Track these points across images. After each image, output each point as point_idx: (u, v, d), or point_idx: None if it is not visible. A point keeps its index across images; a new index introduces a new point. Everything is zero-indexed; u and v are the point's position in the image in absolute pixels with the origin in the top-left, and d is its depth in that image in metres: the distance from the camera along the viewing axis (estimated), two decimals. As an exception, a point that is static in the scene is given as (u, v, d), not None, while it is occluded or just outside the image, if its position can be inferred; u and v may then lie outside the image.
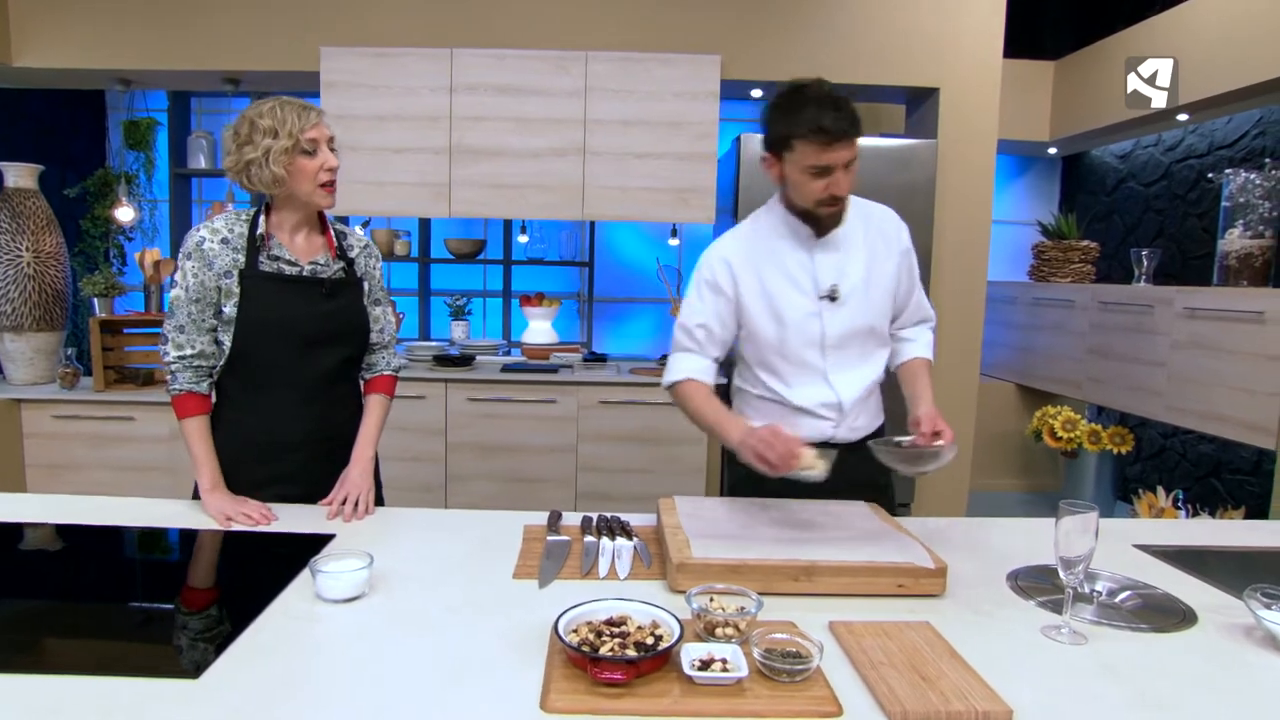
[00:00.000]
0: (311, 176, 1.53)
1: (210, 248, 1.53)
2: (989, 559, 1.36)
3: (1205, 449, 4.23)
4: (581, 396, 3.40)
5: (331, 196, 1.56)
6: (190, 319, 1.53)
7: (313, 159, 1.52)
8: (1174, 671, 0.98)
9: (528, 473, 3.42)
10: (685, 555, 1.20)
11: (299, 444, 1.60)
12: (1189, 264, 4.27)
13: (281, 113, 1.50)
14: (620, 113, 3.43)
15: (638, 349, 4.38)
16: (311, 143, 1.51)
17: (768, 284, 1.61)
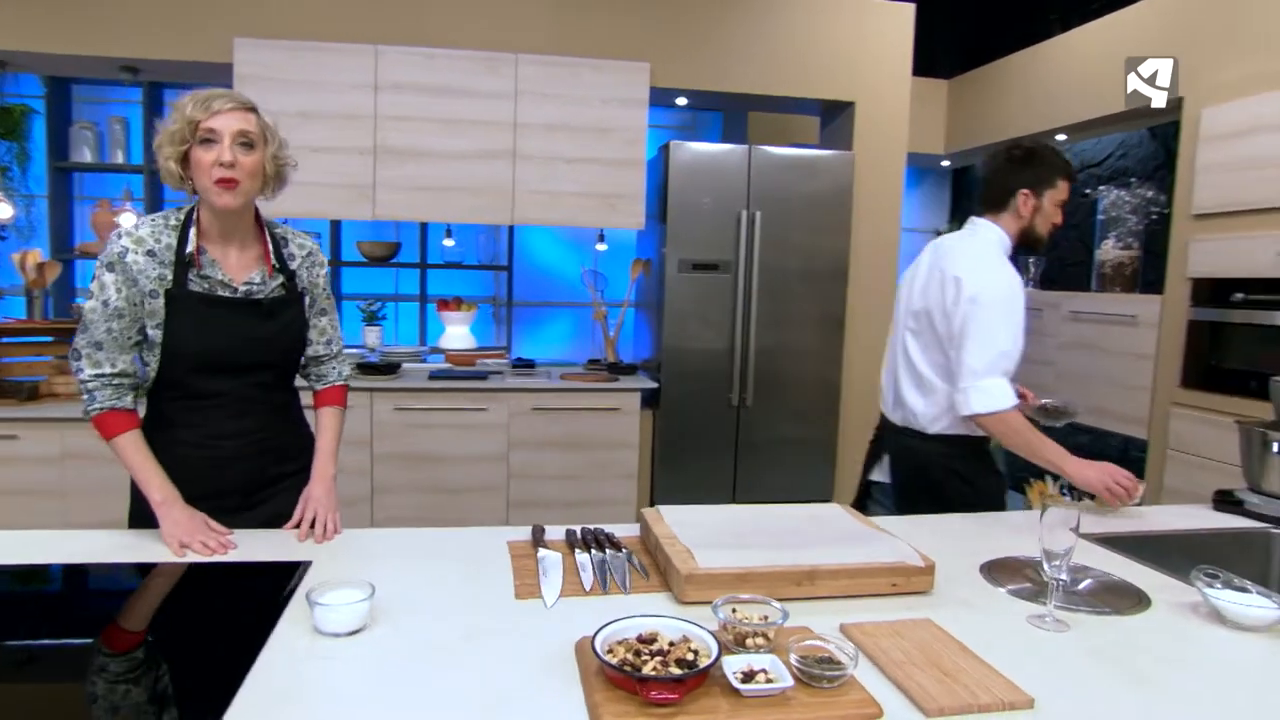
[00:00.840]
0: (205, 170, 1.36)
1: (134, 260, 1.38)
2: (957, 553, 1.45)
3: (1081, 439, 4.62)
4: (513, 403, 3.35)
5: (229, 195, 1.38)
6: (109, 335, 1.39)
7: (208, 151, 1.36)
8: (1148, 650, 1.09)
9: (457, 483, 3.34)
10: (692, 566, 1.21)
11: (233, 459, 1.50)
12: (1066, 271, 4.67)
13: (182, 100, 1.37)
14: (550, 117, 3.41)
15: (556, 353, 4.36)
16: (210, 132, 1.36)
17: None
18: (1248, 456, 1.84)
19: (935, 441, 1.94)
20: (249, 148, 1.40)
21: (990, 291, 1.79)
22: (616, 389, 3.49)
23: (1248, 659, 1.08)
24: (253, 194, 1.44)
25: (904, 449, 2.01)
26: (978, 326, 1.78)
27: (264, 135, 1.43)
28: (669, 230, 3.54)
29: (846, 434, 3.93)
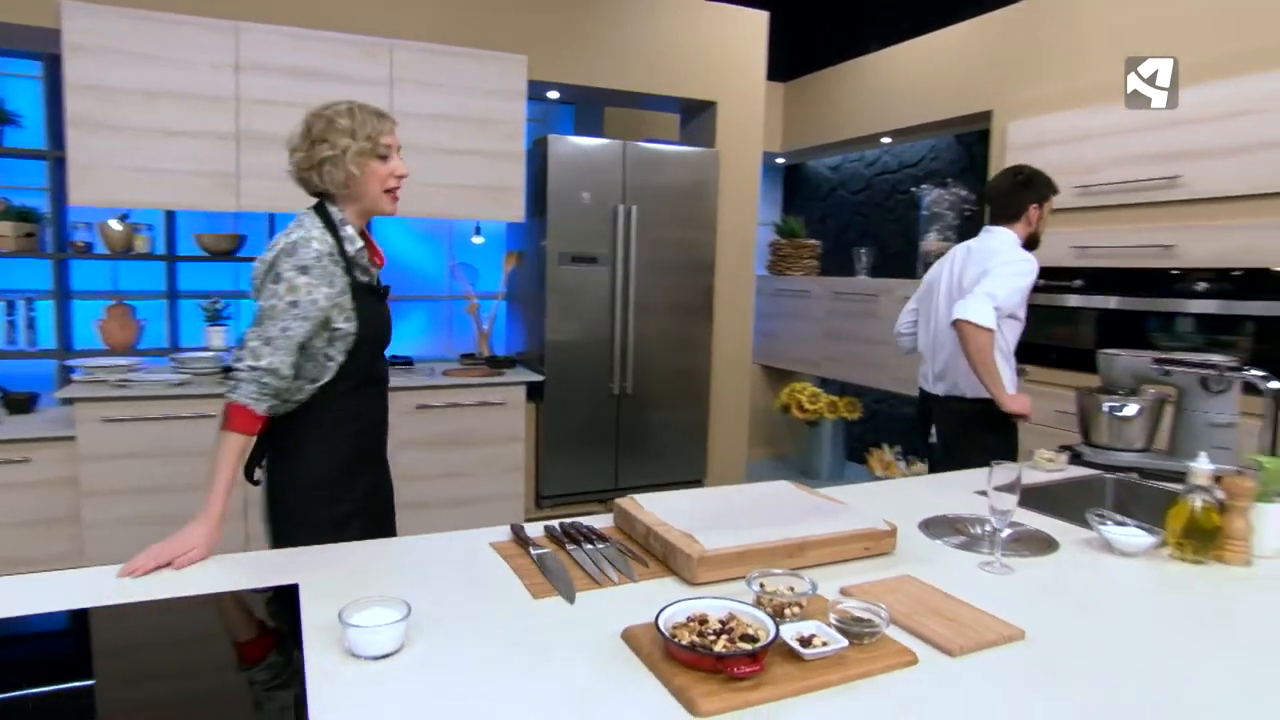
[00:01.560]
0: (381, 181, 1.59)
1: (326, 265, 1.52)
2: (895, 515, 1.64)
3: (907, 410, 5.21)
4: (396, 403, 3.22)
5: (395, 204, 1.64)
6: (283, 333, 1.50)
7: (385, 164, 1.58)
8: (1074, 581, 1.33)
9: (342, 491, 3.16)
10: (699, 549, 1.30)
11: (384, 438, 1.77)
12: (888, 260, 5.22)
13: (360, 115, 1.56)
14: (430, 107, 3.30)
15: (418, 349, 4.24)
16: (386, 148, 1.58)
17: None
18: (1084, 416, 2.22)
19: (974, 404, 2.46)
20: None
21: (1013, 259, 2.38)
22: (502, 383, 3.47)
23: (1140, 577, 1.36)
24: None
25: (950, 412, 2.55)
26: (994, 274, 2.34)
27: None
28: (549, 223, 3.56)
29: (717, 417, 4.17)
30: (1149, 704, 0.94)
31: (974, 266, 2.47)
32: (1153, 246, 3.01)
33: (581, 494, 3.86)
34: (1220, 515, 1.38)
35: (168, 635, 1.16)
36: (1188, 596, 1.28)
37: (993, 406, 2.36)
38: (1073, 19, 3.50)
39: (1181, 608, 1.24)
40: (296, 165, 1.59)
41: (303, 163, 1.57)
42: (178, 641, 1.15)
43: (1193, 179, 2.90)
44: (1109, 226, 3.18)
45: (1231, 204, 2.81)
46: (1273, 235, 2.68)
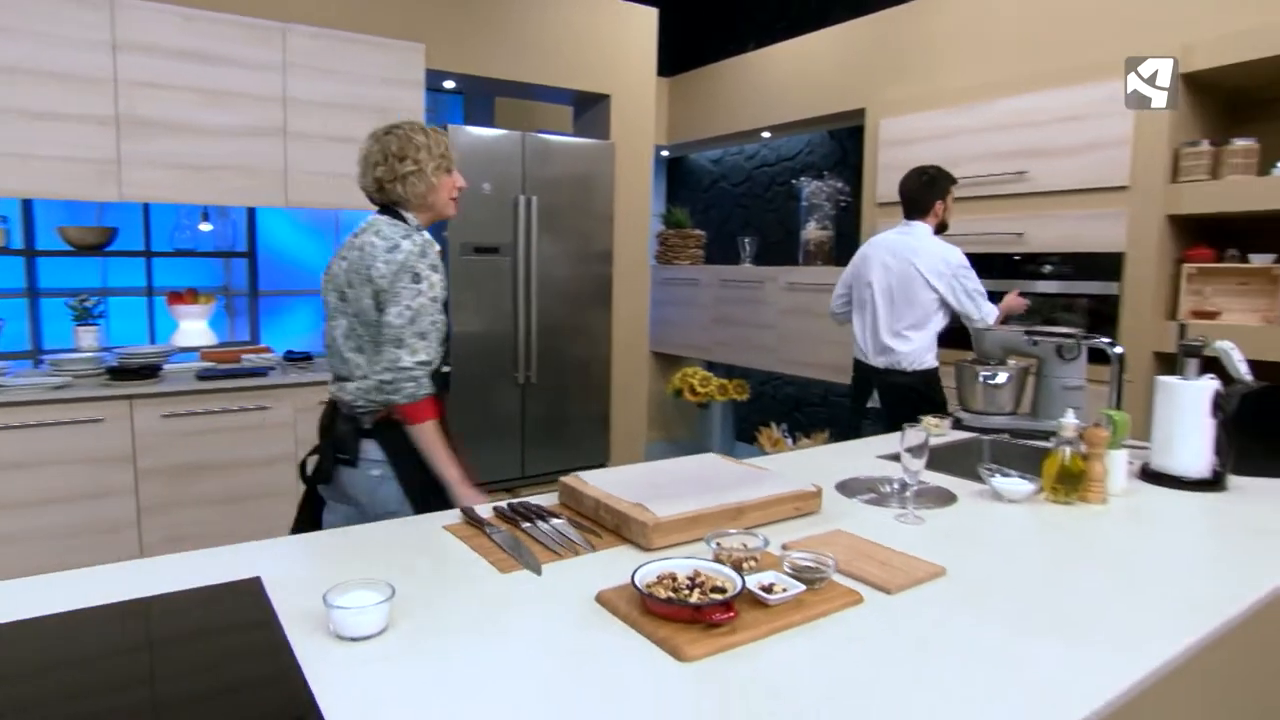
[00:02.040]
0: (449, 191, 1.86)
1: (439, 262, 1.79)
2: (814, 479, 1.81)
3: (789, 390, 5.53)
4: (298, 399, 3.13)
5: (456, 209, 1.90)
6: (434, 326, 1.76)
7: (450, 176, 1.85)
8: (975, 527, 1.53)
9: (243, 490, 3.04)
10: (651, 516, 1.39)
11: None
12: (769, 248, 5.51)
13: (434, 134, 1.83)
14: (325, 94, 3.19)
15: (303, 345, 4.09)
16: (453, 162, 1.85)
17: None
18: (960, 384, 2.49)
19: (913, 375, 2.94)
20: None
21: (963, 260, 2.89)
22: (409, 377, 3.42)
23: (1025, 519, 1.58)
24: None
25: (891, 384, 2.98)
26: (972, 279, 2.88)
27: None
28: (452, 214, 3.54)
29: (617, 402, 4.28)
30: (1046, 613, 1.13)
31: (909, 263, 2.93)
32: (1007, 234, 3.37)
33: (489, 483, 3.86)
34: (1083, 462, 1.63)
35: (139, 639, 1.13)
36: (1063, 531, 1.51)
37: (927, 376, 2.93)
38: (933, 28, 3.83)
39: (1060, 539, 1.46)
40: (379, 179, 1.82)
41: (386, 176, 1.80)
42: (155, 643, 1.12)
43: (1037, 174, 3.27)
44: (970, 216, 3.52)
45: (1069, 197, 3.20)
46: (1101, 224, 3.08)
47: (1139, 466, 1.88)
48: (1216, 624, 1.10)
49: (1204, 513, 1.63)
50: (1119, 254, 3.05)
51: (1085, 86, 3.11)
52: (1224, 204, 2.84)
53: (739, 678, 0.96)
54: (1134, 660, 1.00)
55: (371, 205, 1.84)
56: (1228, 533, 1.51)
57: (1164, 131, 2.92)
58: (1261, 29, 2.70)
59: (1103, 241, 3.09)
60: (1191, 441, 1.77)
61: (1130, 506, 1.66)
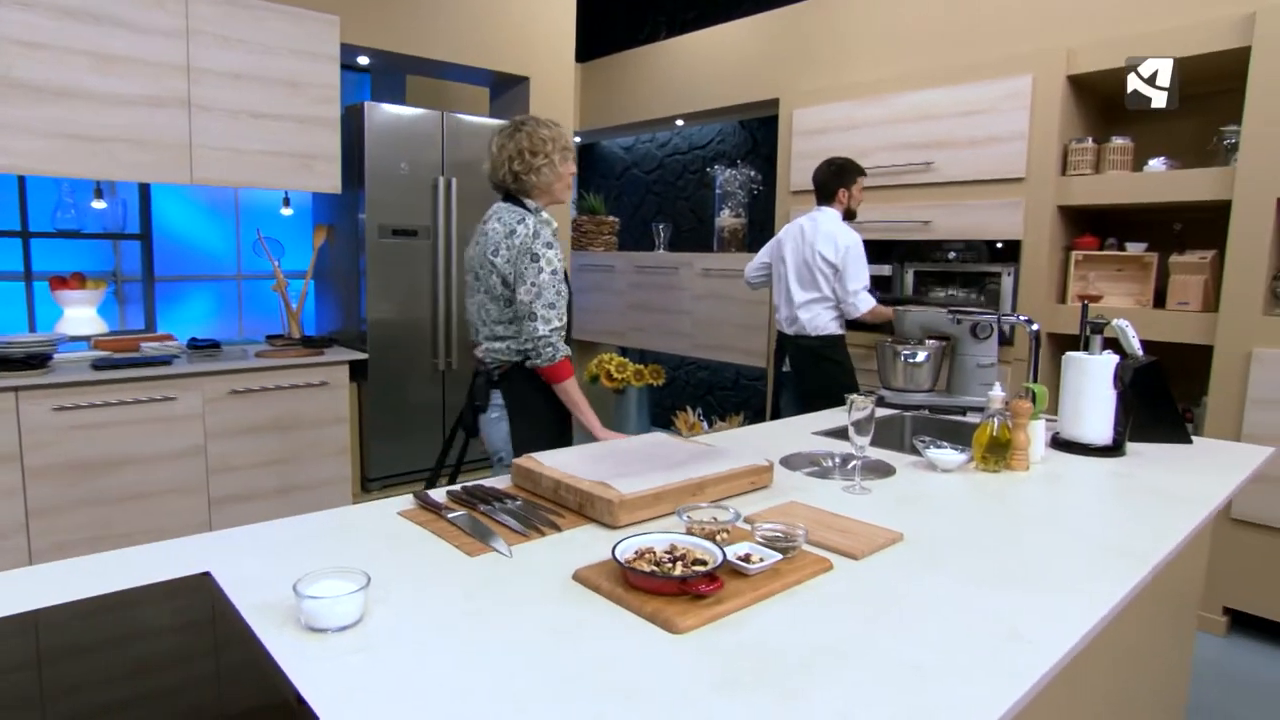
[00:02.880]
0: (565, 179, 2.12)
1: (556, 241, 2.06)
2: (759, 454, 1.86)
3: (703, 374, 5.64)
4: (207, 389, 2.94)
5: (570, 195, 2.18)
6: (559, 295, 2.02)
7: (567, 165, 2.11)
8: (922, 496, 1.61)
9: (143, 488, 2.83)
10: (615, 494, 1.40)
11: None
12: (681, 235, 5.58)
13: (554, 127, 2.09)
14: (232, 65, 2.99)
15: (200, 333, 3.85)
16: (572, 151, 2.11)
17: None
18: (882, 364, 2.61)
19: (816, 339, 3.28)
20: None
21: (855, 244, 3.17)
22: (324, 363, 3.27)
23: (961, 486, 1.67)
24: None
25: (799, 348, 3.34)
26: (854, 263, 3.16)
27: None
28: (368, 195, 3.39)
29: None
30: (1000, 567, 1.21)
31: (810, 244, 3.26)
32: (915, 221, 3.54)
33: (409, 474, 3.76)
34: (1009, 432, 1.74)
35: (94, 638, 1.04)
36: (997, 496, 1.61)
37: (828, 340, 3.27)
38: (843, 21, 3.97)
39: (996, 503, 1.57)
40: (515, 173, 2.05)
41: (522, 170, 2.04)
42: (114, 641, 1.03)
43: (943, 165, 3.46)
44: (882, 204, 3.68)
45: (972, 187, 3.40)
46: (1001, 213, 3.29)
47: (1049, 436, 2.03)
48: (1148, 568, 1.21)
49: (1112, 476, 1.78)
50: (1017, 241, 3.27)
51: (984, 83, 3.30)
52: (1105, 196, 3.09)
53: (731, 645, 0.98)
54: (1090, 603, 1.08)
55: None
56: (1135, 494, 1.66)
57: (1054, 128, 3.15)
58: (1134, 37, 2.94)
59: (1002, 229, 3.30)
60: (1098, 411, 1.92)
61: (1050, 472, 1.79)
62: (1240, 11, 2.73)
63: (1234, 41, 2.74)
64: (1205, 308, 2.91)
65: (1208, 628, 2.88)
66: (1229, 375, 2.79)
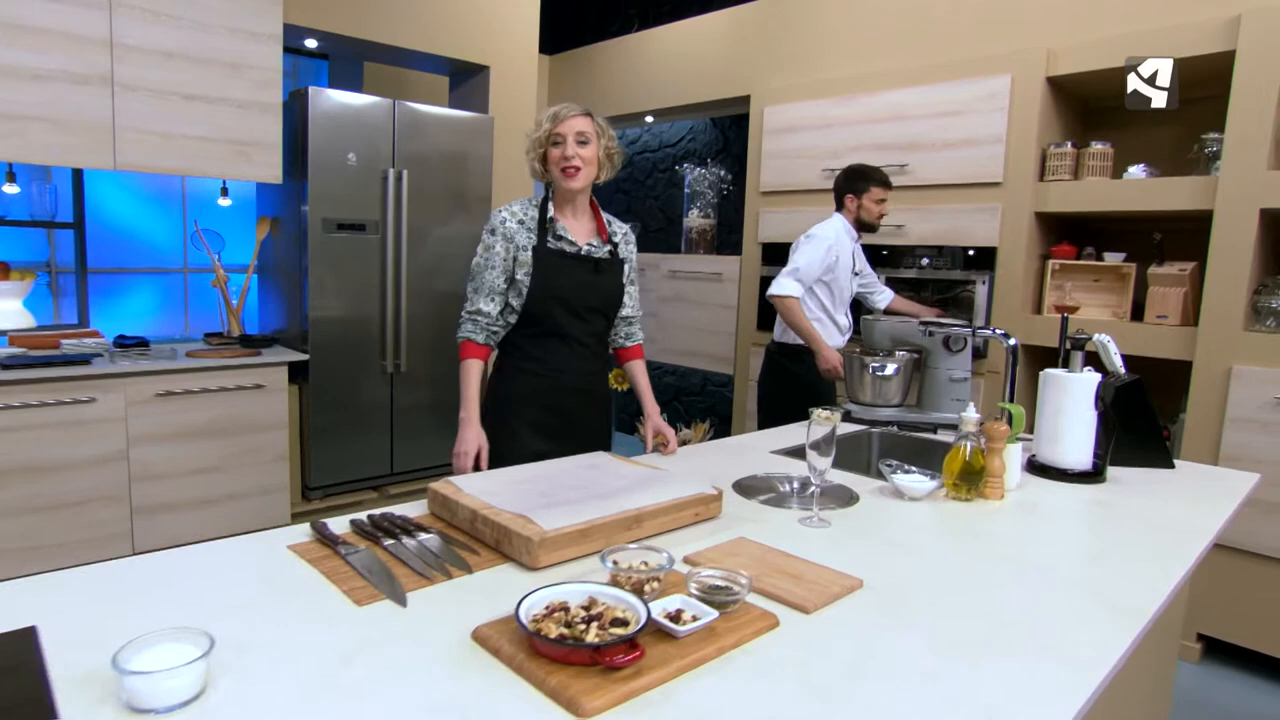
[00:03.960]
0: (556, 163, 1.89)
1: (510, 226, 1.93)
2: (711, 478, 1.69)
3: (669, 380, 5.47)
4: (131, 390, 2.73)
5: (572, 180, 1.88)
6: (483, 282, 1.94)
7: (557, 149, 1.87)
8: (885, 529, 1.45)
9: (56, 498, 2.62)
10: (536, 530, 1.22)
11: (572, 389, 2.00)
12: (651, 236, 5.40)
13: (541, 117, 1.91)
14: (161, 42, 2.77)
15: (143, 329, 3.61)
16: (558, 136, 1.87)
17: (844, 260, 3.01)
18: (849, 377, 2.45)
19: (775, 345, 3.16)
20: (585, 144, 1.88)
21: (814, 233, 2.99)
22: (261, 364, 3.05)
23: (929, 517, 1.52)
24: (591, 177, 1.93)
25: (767, 353, 3.23)
26: (798, 247, 3.00)
27: (598, 132, 1.91)
28: (311, 186, 3.18)
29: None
30: (973, 623, 1.05)
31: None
32: (888, 225, 3.40)
33: (354, 482, 3.54)
34: (983, 458, 1.59)
35: None
36: (969, 530, 1.46)
37: (785, 348, 3.07)
38: (818, 17, 3.82)
39: (968, 539, 1.41)
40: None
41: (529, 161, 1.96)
42: None
43: (917, 168, 3.32)
44: (853, 208, 3.54)
45: (947, 191, 3.27)
46: (977, 219, 3.16)
47: (1025, 459, 1.88)
48: (1142, 626, 1.06)
49: (1093, 506, 1.64)
50: (992, 248, 3.14)
51: (961, 83, 3.17)
52: (1083, 204, 2.97)
53: (648, 731, 0.81)
54: (1079, 676, 0.92)
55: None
56: (1120, 528, 1.51)
57: (1033, 131, 3.02)
58: (1115, 38, 2.82)
59: (978, 236, 3.17)
60: (1077, 434, 1.78)
61: (1027, 501, 1.64)
62: (1225, 14, 2.61)
63: (1218, 45, 2.63)
64: (1184, 321, 2.80)
65: (1182, 655, 2.76)
66: (1208, 392, 2.67)
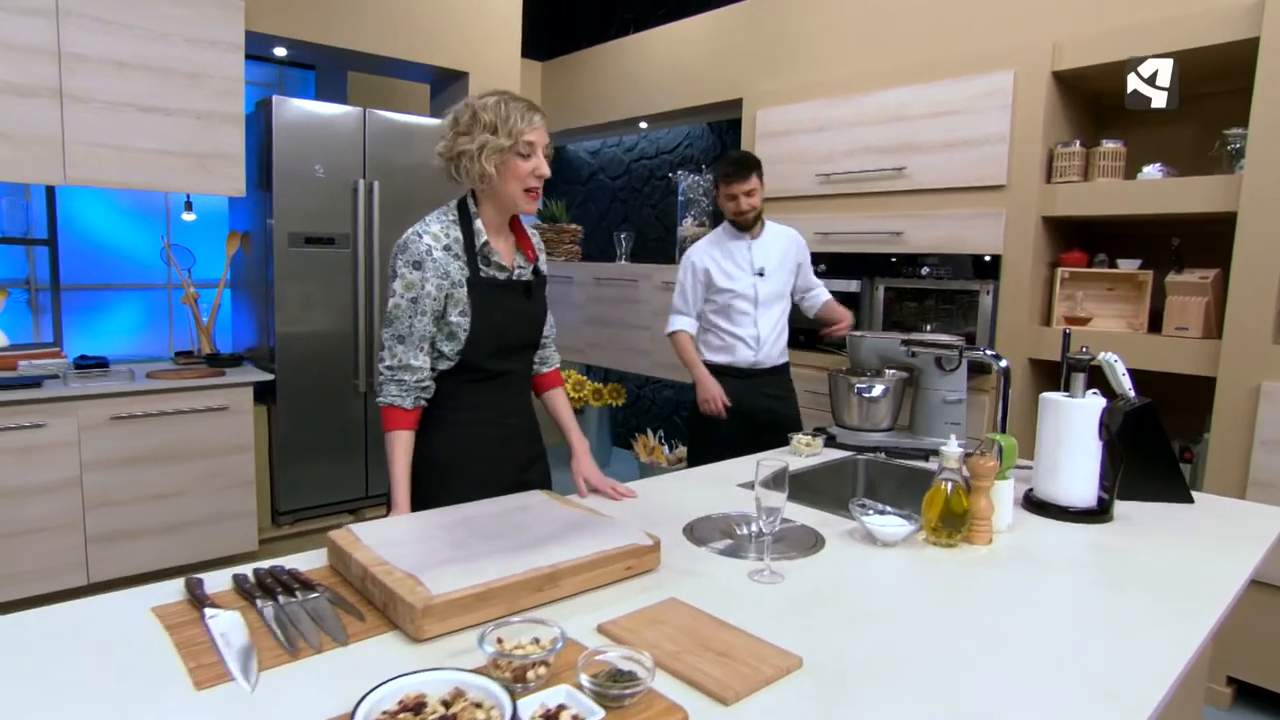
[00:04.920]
0: (521, 179, 1.52)
1: (439, 257, 1.53)
2: (659, 518, 1.51)
3: (668, 394, 5.27)
4: (84, 414, 2.62)
5: (534, 204, 1.57)
6: (411, 330, 1.54)
7: (526, 161, 1.52)
8: (847, 585, 1.25)
9: (9, 525, 2.52)
10: (424, 595, 1.04)
11: (516, 434, 1.69)
12: (647, 245, 5.23)
13: (505, 109, 1.50)
14: (114, 51, 2.66)
15: (129, 348, 3.51)
16: (529, 145, 1.51)
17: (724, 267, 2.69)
18: (834, 397, 2.26)
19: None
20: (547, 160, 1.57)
21: (684, 263, 2.76)
22: (222, 385, 2.92)
23: (902, 568, 1.32)
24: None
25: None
26: (676, 285, 2.79)
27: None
28: (275, 200, 3.05)
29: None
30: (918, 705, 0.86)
31: None
32: (886, 233, 3.20)
33: (327, 506, 3.40)
34: (968, 498, 1.39)
35: None
36: (948, 584, 1.26)
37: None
38: (812, 15, 3.64)
39: (945, 598, 1.21)
40: (439, 154, 1.55)
41: (445, 153, 1.54)
42: None
43: (916, 171, 3.11)
44: (850, 214, 3.34)
45: (947, 195, 3.06)
46: (980, 225, 2.95)
47: (1022, 493, 1.68)
48: None
49: (1095, 554, 1.43)
50: (997, 256, 2.92)
51: (961, 80, 2.96)
52: (1094, 207, 2.75)
53: None
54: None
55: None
56: (1127, 583, 1.30)
57: (1039, 130, 2.81)
58: (1125, 29, 2.61)
59: (981, 243, 2.95)
60: (1079, 467, 1.57)
61: (1019, 547, 1.43)
62: (1247, -1, 2.39)
63: (1240, 33, 2.40)
64: (1207, 334, 2.56)
65: (1212, 700, 2.52)
66: (1234, 411, 2.44)
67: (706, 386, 2.68)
